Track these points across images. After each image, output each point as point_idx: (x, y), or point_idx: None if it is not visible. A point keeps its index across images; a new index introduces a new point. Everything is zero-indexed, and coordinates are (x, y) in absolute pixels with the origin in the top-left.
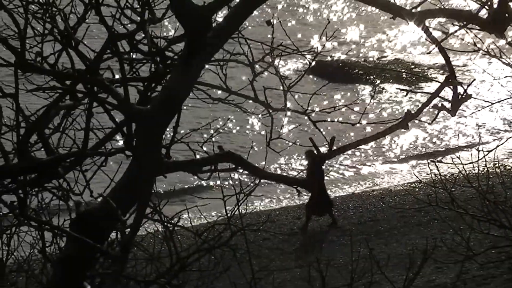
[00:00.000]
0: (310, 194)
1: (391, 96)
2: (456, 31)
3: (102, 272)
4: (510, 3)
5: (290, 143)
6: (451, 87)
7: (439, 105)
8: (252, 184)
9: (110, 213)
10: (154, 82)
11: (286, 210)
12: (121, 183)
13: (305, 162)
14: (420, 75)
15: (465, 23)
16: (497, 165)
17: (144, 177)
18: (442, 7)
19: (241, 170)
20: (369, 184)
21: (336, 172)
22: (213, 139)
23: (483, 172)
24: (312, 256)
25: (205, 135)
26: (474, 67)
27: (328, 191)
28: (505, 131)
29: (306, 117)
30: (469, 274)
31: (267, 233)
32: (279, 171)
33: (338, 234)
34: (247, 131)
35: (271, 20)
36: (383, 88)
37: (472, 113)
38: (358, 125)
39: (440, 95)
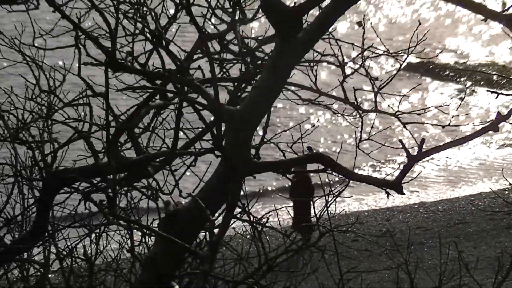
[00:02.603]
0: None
1: (481, 98)
2: None
3: (190, 271)
4: None
5: (380, 145)
6: None
7: None
8: (341, 185)
9: (199, 213)
10: (244, 82)
11: (375, 211)
12: (210, 183)
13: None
14: (511, 77)
15: None
16: None
17: (233, 177)
18: None
19: (330, 171)
20: (459, 186)
21: (426, 174)
22: (302, 140)
23: None
24: (400, 258)
25: (294, 136)
26: None
27: (418, 194)
28: None
29: (396, 119)
30: None
31: (355, 235)
32: (368, 173)
33: (427, 237)
34: (337, 132)
35: (362, 21)
36: (473, 90)
37: None
38: (448, 127)
39: None
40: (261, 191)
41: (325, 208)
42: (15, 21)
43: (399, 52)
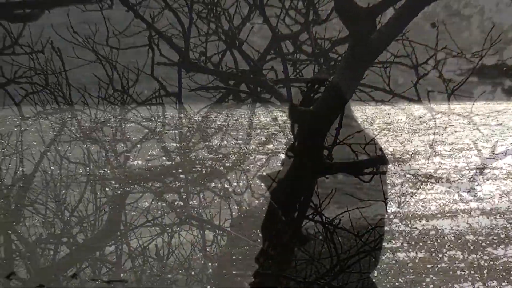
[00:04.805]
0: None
1: None
2: None
3: (262, 272)
4: None
5: (451, 146)
6: None
7: None
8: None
9: (271, 213)
10: (318, 83)
11: (444, 213)
12: (282, 184)
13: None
14: None
15: None
16: None
17: (305, 178)
18: None
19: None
20: None
21: (498, 177)
22: (375, 141)
23: None
24: (472, 261)
25: (367, 137)
26: None
27: (490, 196)
28: None
29: (469, 120)
30: None
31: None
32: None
33: (500, 240)
34: (409, 134)
35: (436, 23)
36: None
37: None
38: None
39: None
40: (333, 191)
41: (398, 209)
42: (89, 19)
43: (474, 54)
